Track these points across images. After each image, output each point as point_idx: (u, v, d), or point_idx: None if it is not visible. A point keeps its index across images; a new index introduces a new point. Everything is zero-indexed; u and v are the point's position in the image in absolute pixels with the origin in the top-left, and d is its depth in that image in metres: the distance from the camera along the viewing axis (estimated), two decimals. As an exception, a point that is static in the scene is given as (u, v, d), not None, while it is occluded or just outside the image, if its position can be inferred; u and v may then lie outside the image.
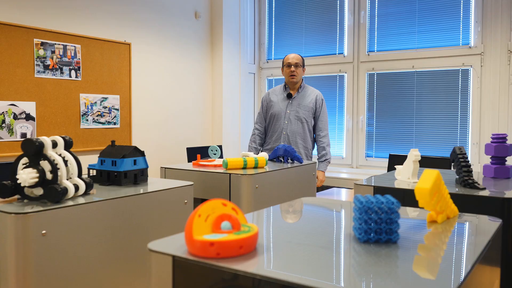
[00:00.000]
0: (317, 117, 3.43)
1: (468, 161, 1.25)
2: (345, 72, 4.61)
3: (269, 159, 1.91)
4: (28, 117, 3.38)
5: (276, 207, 0.97)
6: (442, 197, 0.84)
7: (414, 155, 1.29)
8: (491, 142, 1.43)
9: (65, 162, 1.07)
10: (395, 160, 3.90)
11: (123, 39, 4.01)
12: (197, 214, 0.65)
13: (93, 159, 3.59)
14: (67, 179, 1.07)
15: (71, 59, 3.61)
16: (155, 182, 1.31)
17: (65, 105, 3.59)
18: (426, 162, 3.53)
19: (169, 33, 4.40)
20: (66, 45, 3.57)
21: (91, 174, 1.29)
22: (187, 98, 4.61)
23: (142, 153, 1.28)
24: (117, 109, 3.97)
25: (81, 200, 1.07)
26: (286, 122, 3.37)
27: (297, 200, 1.04)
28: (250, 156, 1.87)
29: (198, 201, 1.71)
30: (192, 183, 1.28)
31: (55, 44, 3.50)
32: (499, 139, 1.41)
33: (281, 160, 1.85)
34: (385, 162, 4.23)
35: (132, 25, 4.07)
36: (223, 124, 4.78)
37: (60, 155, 1.08)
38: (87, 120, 3.74)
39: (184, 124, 4.58)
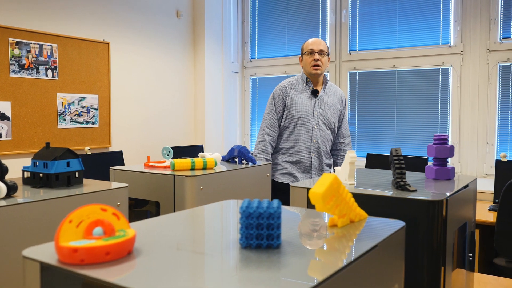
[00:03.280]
0: (340, 120, 2.83)
1: (403, 163, 1.25)
2: (327, 71, 4.60)
3: (224, 160, 1.91)
4: (3, 117, 3.38)
5: (189, 211, 0.97)
6: (343, 201, 0.83)
7: (350, 157, 1.29)
8: (433, 143, 1.43)
9: (-14, 165, 1.07)
10: (373, 159, 3.90)
11: (102, 38, 4.00)
12: (68, 220, 0.65)
13: (71, 158, 3.58)
14: (-12, 182, 1.07)
15: (47, 59, 3.60)
16: (90, 184, 1.30)
17: (41, 104, 3.58)
18: (406, 161, 3.52)
19: (149, 32, 4.40)
20: (42, 45, 3.56)
21: (25, 176, 1.29)
22: (169, 98, 4.61)
23: (76, 155, 1.28)
24: (95, 109, 3.97)
25: (2, 203, 1.06)
26: (316, 127, 2.68)
27: (216, 203, 1.03)
28: (207, 156, 1.87)
29: (148, 203, 1.71)
30: (126, 185, 1.28)
31: (31, 43, 3.49)
32: (440, 140, 1.41)
33: (235, 161, 1.84)
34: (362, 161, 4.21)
35: (111, 24, 4.07)
36: (205, 123, 4.78)
37: (-19, 157, 1.07)
38: (64, 119, 3.74)
39: (166, 124, 4.58)
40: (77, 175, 1.28)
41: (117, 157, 3.81)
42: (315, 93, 2.72)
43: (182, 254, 0.68)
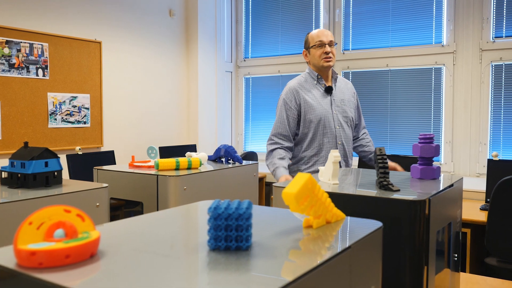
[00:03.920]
0: (357, 113, 2.64)
1: (386, 162, 1.23)
2: (321, 71, 4.59)
3: (211, 160, 1.89)
4: (-8, 117, 3.35)
5: (163, 212, 0.95)
6: (319, 201, 0.81)
7: (333, 156, 1.27)
8: (418, 142, 1.41)
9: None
10: (366, 159, 3.88)
11: (94, 37, 3.98)
12: (28, 221, 0.63)
13: (61, 159, 3.56)
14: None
15: (38, 58, 3.58)
16: (69, 184, 1.28)
17: (32, 104, 3.55)
18: (398, 161, 3.51)
19: (142, 31, 4.37)
20: (32, 44, 3.54)
21: (3, 177, 1.26)
22: (162, 97, 4.58)
23: (54, 155, 1.26)
24: (87, 108, 3.94)
25: (-24, 203, 1.04)
26: (338, 127, 2.43)
27: (192, 204, 1.02)
28: (193, 156, 1.85)
29: (130, 204, 1.69)
30: (106, 185, 1.26)
31: (21, 42, 3.47)
32: (426, 139, 1.39)
33: (222, 161, 1.82)
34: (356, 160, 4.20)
35: (103, 23, 4.04)
36: (198, 123, 4.76)
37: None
38: (55, 119, 3.71)
39: (159, 124, 4.56)
40: (55, 175, 1.25)
41: (109, 157, 3.79)
42: (329, 90, 2.44)
43: (148, 257, 0.66)
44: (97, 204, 1.23)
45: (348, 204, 1.16)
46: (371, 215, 1.14)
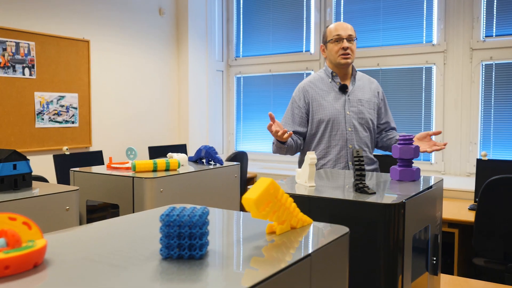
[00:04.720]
0: (382, 113, 2.39)
1: (363, 165, 1.21)
2: (312, 70, 4.57)
3: (192, 161, 1.86)
4: (-23, 117, 3.30)
5: (128, 216, 0.92)
6: (282, 207, 0.79)
7: (310, 158, 1.25)
8: (397, 143, 1.39)
9: None
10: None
11: (82, 36, 3.94)
12: (-33, 230, 0.60)
13: (49, 159, 3.53)
14: None
15: (24, 57, 3.54)
16: (38, 187, 1.25)
17: (18, 103, 3.52)
18: (385, 161, 3.49)
19: (131, 30, 4.33)
20: (18, 42, 3.49)
21: (-29, 179, 1.23)
22: (152, 97, 4.55)
23: (23, 157, 1.23)
24: (75, 108, 3.91)
25: None
26: (350, 129, 2.23)
27: (158, 208, 0.99)
28: (173, 157, 1.82)
29: (114, 205, 1.66)
30: (77, 188, 1.23)
31: (7, 41, 3.42)
32: (405, 141, 1.37)
33: (203, 162, 1.80)
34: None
35: (91, 22, 4.00)
36: (189, 122, 4.72)
37: None
38: (42, 119, 3.68)
39: (149, 123, 4.52)
40: (25, 178, 1.22)
41: (97, 157, 3.75)
42: (343, 88, 2.25)
43: (95, 266, 0.63)
44: (67, 207, 1.20)
45: (322, 207, 1.14)
46: (346, 219, 1.12)
